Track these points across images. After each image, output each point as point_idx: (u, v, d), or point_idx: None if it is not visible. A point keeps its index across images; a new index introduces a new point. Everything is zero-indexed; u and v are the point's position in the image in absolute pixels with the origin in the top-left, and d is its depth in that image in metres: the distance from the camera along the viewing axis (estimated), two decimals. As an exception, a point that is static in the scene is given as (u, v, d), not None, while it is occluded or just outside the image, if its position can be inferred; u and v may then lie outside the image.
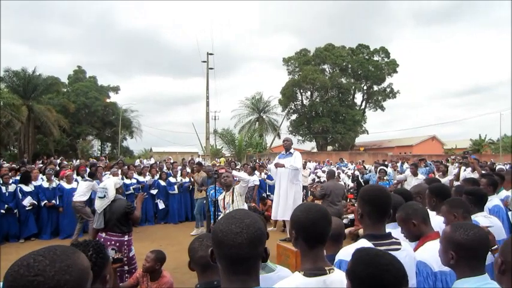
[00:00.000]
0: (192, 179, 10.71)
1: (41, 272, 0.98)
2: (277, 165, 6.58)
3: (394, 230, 2.53)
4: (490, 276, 1.76)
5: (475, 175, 7.08)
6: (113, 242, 4.63)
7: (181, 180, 11.56)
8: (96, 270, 1.75)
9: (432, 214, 2.82)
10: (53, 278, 0.98)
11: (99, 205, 4.79)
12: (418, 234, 2.43)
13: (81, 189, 8.76)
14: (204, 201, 9.25)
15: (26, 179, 9.25)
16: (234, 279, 1.28)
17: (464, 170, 8.47)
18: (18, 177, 9.53)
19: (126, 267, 4.68)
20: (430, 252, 2.15)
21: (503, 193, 4.73)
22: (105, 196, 4.77)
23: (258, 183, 10.63)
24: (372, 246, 1.91)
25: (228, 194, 5.66)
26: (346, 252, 1.99)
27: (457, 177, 8.20)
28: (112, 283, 1.90)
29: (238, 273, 1.28)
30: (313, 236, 1.69)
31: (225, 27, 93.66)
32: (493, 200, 3.94)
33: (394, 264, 1.34)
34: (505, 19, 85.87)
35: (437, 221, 2.74)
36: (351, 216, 8.93)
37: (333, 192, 7.53)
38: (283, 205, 6.53)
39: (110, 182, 5.00)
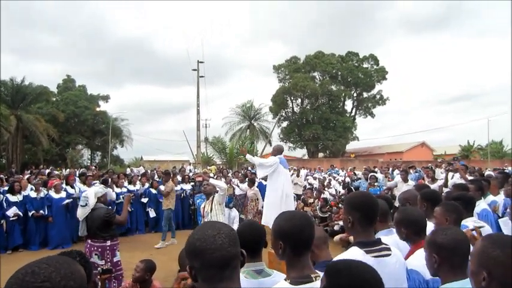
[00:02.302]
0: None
1: (47, 278, 0.98)
2: (242, 151, 6.60)
3: (386, 236, 2.55)
4: None
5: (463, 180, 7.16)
6: (95, 248, 4.74)
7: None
8: (86, 275, 1.80)
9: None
10: (60, 284, 0.99)
11: (81, 213, 4.91)
12: (407, 240, 2.45)
13: None
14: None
15: (12, 189, 9.15)
16: (219, 287, 1.26)
17: (452, 176, 8.56)
18: (6, 188, 9.41)
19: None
20: (422, 260, 2.15)
21: (490, 198, 4.80)
22: (86, 204, 4.87)
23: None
24: (364, 253, 1.91)
25: (208, 203, 5.62)
26: None
27: (445, 183, 8.28)
28: None
29: (223, 279, 1.26)
30: (300, 243, 1.69)
31: (215, 35, 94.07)
32: (481, 205, 3.99)
33: (375, 277, 1.29)
34: (493, 28, 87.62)
35: (428, 227, 2.75)
36: (342, 222, 8.94)
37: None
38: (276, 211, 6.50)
39: (91, 191, 5.09)
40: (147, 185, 11.52)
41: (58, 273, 1.00)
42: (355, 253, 1.92)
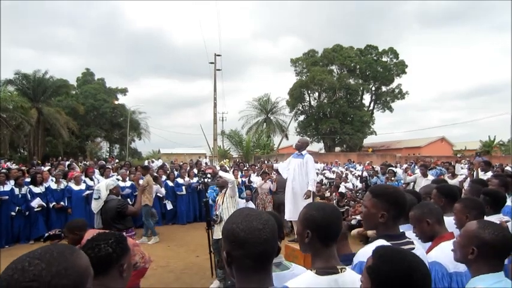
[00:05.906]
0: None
1: (36, 277, 0.92)
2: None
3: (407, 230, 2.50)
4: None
5: (485, 177, 7.00)
6: None
7: (189, 180, 11.57)
8: (114, 257, 1.78)
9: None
10: (49, 284, 0.92)
11: (95, 206, 4.97)
12: (431, 234, 2.38)
13: None
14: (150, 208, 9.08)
15: (34, 180, 9.36)
16: (254, 279, 1.27)
17: (473, 172, 8.39)
18: (28, 179, 9.64)
19: None
20: (445, 253, 2.10)
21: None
22: (99, 197, 4.91)
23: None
24: (391, 246, 1.88)
25: (221, 195, 5.64)
26: (366, 253, 1.94)
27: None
28: (129, 276, 1.91)
29: (260, 271, 1.27)
30: (329, 233, 1.68)
31: (233, 28, 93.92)
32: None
33: (421, 263, 1.32)
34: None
35: (446, 222, 2.68)
36: (359, 217, 8.87)
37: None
38: (296, 206, 6.48)
39: (102, 184, 5.11)
40: (164, 177, 11.63)
41: (49, 271, 0.93)
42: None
